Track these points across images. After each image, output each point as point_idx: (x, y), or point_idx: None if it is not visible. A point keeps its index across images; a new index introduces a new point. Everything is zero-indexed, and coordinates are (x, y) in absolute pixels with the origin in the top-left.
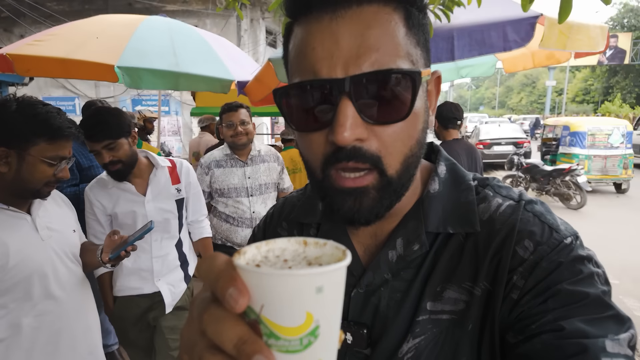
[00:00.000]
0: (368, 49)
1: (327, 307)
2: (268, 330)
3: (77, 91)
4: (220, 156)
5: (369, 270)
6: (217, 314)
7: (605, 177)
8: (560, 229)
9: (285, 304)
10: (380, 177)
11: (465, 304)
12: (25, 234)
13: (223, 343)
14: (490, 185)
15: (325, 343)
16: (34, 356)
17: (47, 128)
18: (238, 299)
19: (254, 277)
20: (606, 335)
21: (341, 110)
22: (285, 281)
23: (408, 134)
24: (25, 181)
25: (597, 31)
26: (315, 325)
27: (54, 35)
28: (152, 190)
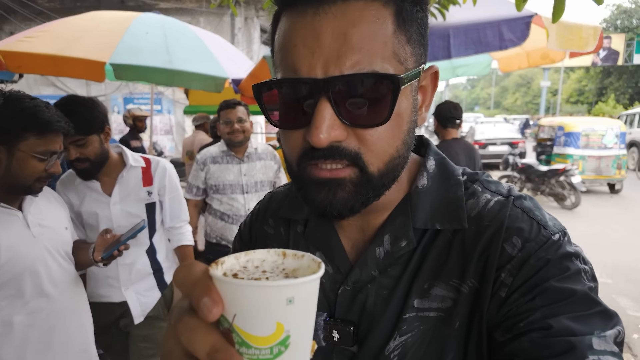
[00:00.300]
0: (350, 49)
1: (298, 318)
2: (240, 339)
3: (68, 89)
4: (217, 152)
5: (356, 267)
6: (191, 323)
7: (599, 177)
8: (549, 225)
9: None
10: (360, 172)
11: (453, 302)
12: (17, 230)
13: (196, 351)
14: (479, 180)
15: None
16: (26, 354)
17: (35, 122)
18: (212, 309)
19: (228, 287)
20: (593, 333)
21: (318, 111)
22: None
23: (392, 135)
24: (15, 177)
25: (589, 31)
26: (286, 335)
27: (46, 31)
28: (119, 191)
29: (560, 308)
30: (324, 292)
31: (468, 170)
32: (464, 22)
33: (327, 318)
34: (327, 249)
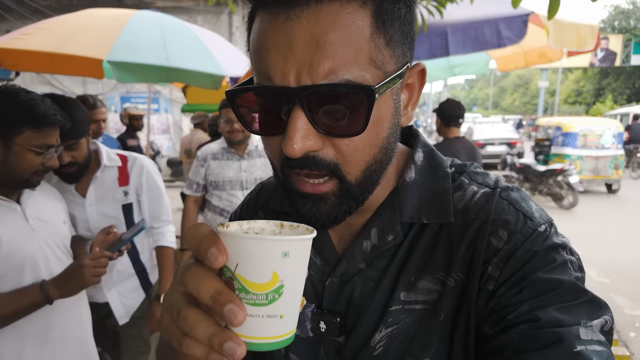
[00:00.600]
0: (322, 57)
1: (292, 271)
2: (240, 286)
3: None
4: (217, 149)
5: (344, 260)
6: (197, 272)
7: (597, 177)
8: (535, 216)
9: (256, 263)
10: (340, 183)
11: (438, 294)
12: (15, 223)
13: (201, 295)
14: (466, 172)
15: (287, 302)
16: (25, 346)
17: (31, 115)
18: (218, 257)
19: (233, 240)
20: (579, 323)
21: (292, 121)
22: (258, 244)
23: (368, 143)
24: (13, 171)
25: (587, 30)
26: (280, 284)
27: (42, 29)
28: (94, 192)
29: (547, 299)
30: (312, 284)
31: (457, 162)
32: (462, 20)
33: (314, 309)
34: (315, 242)
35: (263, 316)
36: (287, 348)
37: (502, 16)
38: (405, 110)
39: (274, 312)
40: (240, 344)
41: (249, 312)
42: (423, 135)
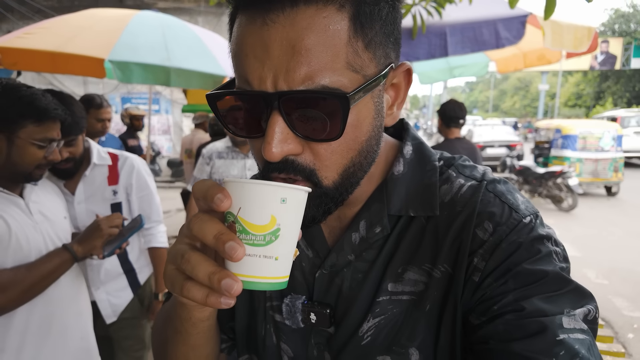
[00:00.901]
0: (298, 63)
1: (288, 216)
2: (241, 227)
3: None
4: (222, 148)
5: (333, 252)
6: (203, 217)
7: (596, 179)
8: (520, 208)
9: (256, 207)
10: (315, 187)
11: (425, 285)
12: (20, 216)
13: (205, 236)
14: (454, 165)
15: (282, 245)
16: (27, 338)
17: (33, 109)
18: (223, 200)
19: (237, 186)
20: (562, 312)
21: (270, 126)
22: (259, 189)
23: (347, 147)
24: (15, 165)
25: (583, 32)
26: (277, 227)
27: (44, 28)
28: (84, 189)
29: (532, 290)
30: (304, 275)
31: (445, 155)
32: (461, 20)
33: (305, 301)
34: (307, 234)
35: (260, 256)
36: (278, 337)
37: (500, 17)
38: (391, 110)
39: (270, 253)
40: (236, 280)
41: (248, 252)
42: (414, 129)
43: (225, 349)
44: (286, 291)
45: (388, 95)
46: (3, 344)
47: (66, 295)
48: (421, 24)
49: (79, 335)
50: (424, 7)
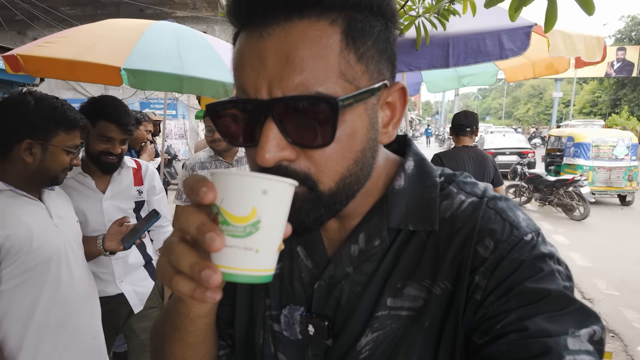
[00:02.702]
0: (292, 71)
1: (269, 208)
2: (223, 219)
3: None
4: (205, 157)
5: (332, 263)
6: (188, 209)
7: (610, 188)
8: (522, 225)
9: (238, 198)
10: (309, 190)
11: (424, 302)
12: (42, 219)
13: (188, 227)
14: (455, 181)
15: (263, 237)
16: (44, 338)
17: (65, 119)
18: (207, 192)
19: (220, 177)
20: (567, 332)
21: (264, 132)
22: (240, 180)
23: (341, 155)
24: (47, 169)
25: (593, 42)
26: (257, 219)
27: (64, 37)
28: (112, 188)
29: (535, 309)
30: (303, 286)
31: (447, 172)
32: (464, 31)
33: (303, 312)
34: (307, 244)
35: (240, 247)
36: (275, 348)
37: (504, 28)
38: (386, 128)
39: (250, 244)
40: (216, 271)
41: (228, 243)
42: (416, 145)
43: (224, 355)
44: (285, 302)
45: (383, 113)
46: (21, 343)
47: (81, 296)
48: (425, 35)
49: (91, 335)
50: (428, 19)
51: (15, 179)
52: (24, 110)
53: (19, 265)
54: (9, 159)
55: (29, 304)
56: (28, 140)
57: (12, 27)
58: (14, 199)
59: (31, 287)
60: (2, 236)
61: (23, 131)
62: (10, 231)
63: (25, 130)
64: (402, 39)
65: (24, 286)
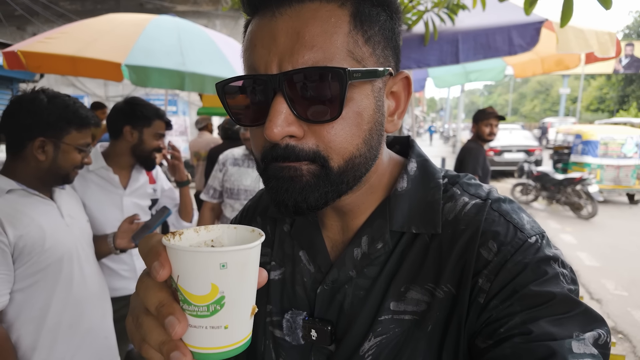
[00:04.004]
0: (302, 47)
1: (232, 282)
2: (182, 297)
3: (87, 89)
4: (239, 155)
5: (335, 267)
6: (147, 282)
7: (618, 187)
8: (525, 228)
9: (194, 276)
10: (320, 167)
11: (427, 305)
12: (55, 218)
13: (148, 306)
14: (459, 183)
15: (231, 312)
16: (58, 337)
17: (77, 118)
18: (159, 270)
19: (172, 252)
20: (572, 336)
21: (273, 106)
22: (193, 256)
23: (350, 132)
24: (60, 168)
25: (605, 37)
26: (220, 296)
27: (65, 33)
28: (132, 185)
29: (539, 312)
30: (305, 291)
31: (450, 173)
32: (473, 27)
33: (306, 317)
34: (310, 248)
35: (206, 327)
36: (277, 354)
37: (514, 23)
38: (391, 117)
39: (217, 323)
40: (185, 353)
41: (192, 323)
42: (419, 147)
43: None
44: (287, 307)
45: (389, 102)
46: (35, 343)
47: (93, 296)
48: (433, 30)
49: (104, 334)
50: (437, 14)
51: (27, 178)
52: (37, 108)
53: (32, 266)
54: (21, 157)
55: (42, 304)
56: (41, 138)
57: (12, 22)
58: (26, 198)
59: (44, 287)
60: (16, 236)
61: (36, 129)
62: (23, 231)
63: (38, 128)
64: (410, 35)
65: (36, 286)
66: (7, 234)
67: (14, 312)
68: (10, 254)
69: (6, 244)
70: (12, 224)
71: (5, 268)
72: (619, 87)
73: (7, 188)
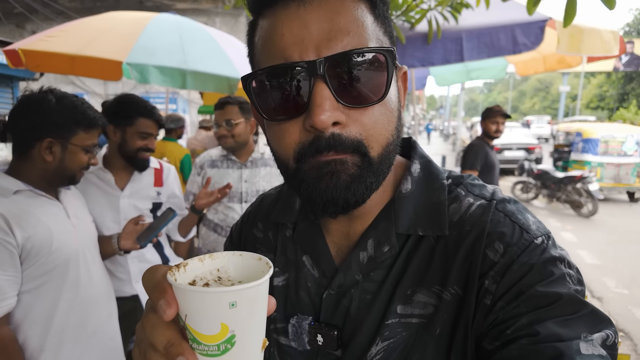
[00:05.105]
0: (339, 32)
1: (242, 320)
2: (192, 336)
3: (86, 87)
4: (217, 156)
5: (340, 272)
6: (154, 319)
7: (618, 185)
8: (531, 228)
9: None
10: (362, 158)
11: (434, 308)
12: (61, 219)
13: (156, 345)
14: (463, 183)
15: (242, 350)
16: (64, 339)
17: (86, 118)
18: (166, 310)
19: (179, 291)
20: (579, 337)
21: (317, 92)
22: (202, 297)
23: (387, 117)
24: (66, 169)
25: (609, 35)
26: (231, 335)
27: (64, 31)
28: (131, 186)
29: (546, 313)
30: (310, 296)
31: (454, 174)
32: (477, 25)
33: (312, 322)
34: (313, 253)
35: None
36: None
37: (518, 22)
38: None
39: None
40: None
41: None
42: (421, 147)
43: None
44: (291, 312)
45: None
46: (43, 344)
47: (99, 297)
48: (437, 29)
49: (109, 335)
50: (440, 12)
51: (34, 178)
52: (45, 109)
53: (40, 267)
54: (28, 158)
55: (49, 305)
56: (49, 138)
57: (11, 20)
58: (33, 199)
59: (51, 288)
60: (24, 237)
61: (44, 130)
62: (30, 232)
63: (47, 128)
64: (413, 33)
65: (44, 288)
66: (15, 235)
67: (22, 314)
68: (18, 255)
69: (14, 246)
70: (19, 225)
71: (13, 270)
72: (619, 84)
73: (14, 189)
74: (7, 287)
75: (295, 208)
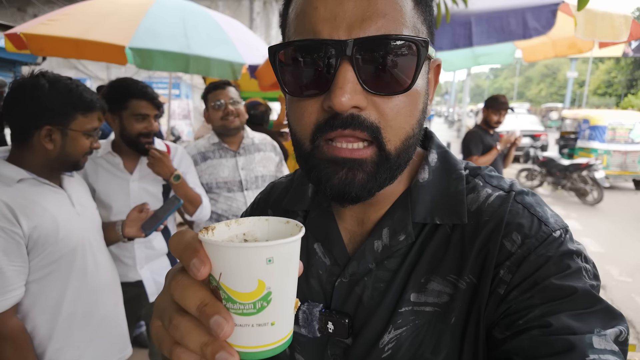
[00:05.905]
0: (374, 13)
1: (278, 276)
2: (226, 295)
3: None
4: (207, 146)
5: (354, 260)
6: (183, 280)
7: (625, 173)
8: (550, 221)
9: (239, 273)
10: (379, 151)
11: (449, 297)
12: (66, 208)
13: (187, 306)
14: (481, 174)
15: (277, 308)
16: (73, 326)
17: (82, 102)
18: (200, 268)
19: (213, 249)
20: (592, 331)
21: (341, 73)
22: (239, 252)
23: (409, 110)
24: (69, 155)
25: (621, 20)
26: (267, 292)
27: (67, 15)
28: (140, 169)
29: (560, 306)
30: (321, 284)
31: (471, 164)
32: (487, 9)
33: (322, 309)
34: (325, 240)
35: (253, 325)
36: (292, 348)
37: (529, 5)
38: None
39: (264, 320)
40: (232, 354)
41: (238, 322)
42: (437, 137)
43: None
44: (302, 299)
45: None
46: (51, 332)
47: (106, 285)
48: (445, 12)
49: (115, 322)
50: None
51: (36, 166)
52: (39, 95)
53: (46, 257)
54: (28, 146)
55: (56, 294)
56: (47, 126)
57: (12, 3)
58: (37, 187)
59: (58, 277)
60: (30, 227)
61: (41, 117)
62: (37, 222)
63: (44, 116)
64: None
65: (51, 277)
66: (21, 225)
67: (29, 303)
68: (25, 245)
69: (20, 236)
70: (25, 214)
71: (20, 260)
72: (627, 70)
73: (17, 177)
74: (15, 277)
75: (308, 195)
